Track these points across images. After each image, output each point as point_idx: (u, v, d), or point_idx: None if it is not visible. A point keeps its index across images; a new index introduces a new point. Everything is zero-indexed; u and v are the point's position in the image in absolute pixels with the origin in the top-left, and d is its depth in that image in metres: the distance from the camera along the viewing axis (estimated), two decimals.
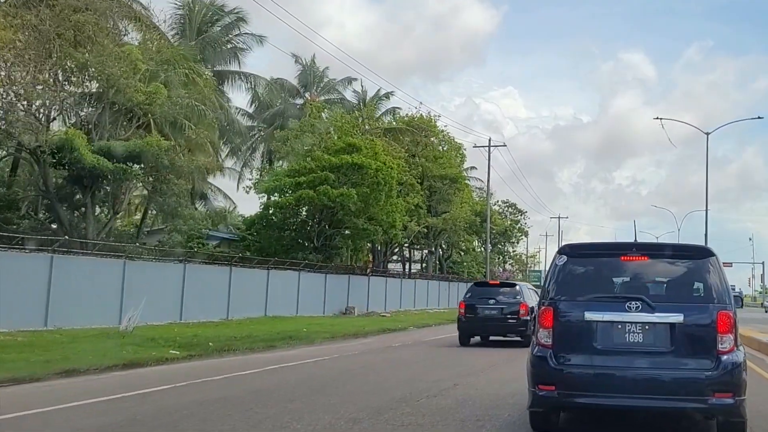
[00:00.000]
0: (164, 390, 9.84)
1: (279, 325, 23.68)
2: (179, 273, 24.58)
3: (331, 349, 17.16)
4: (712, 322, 6.77)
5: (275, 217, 36.36)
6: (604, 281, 7.33)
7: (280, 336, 19.04)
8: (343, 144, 37.10)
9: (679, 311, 6.83)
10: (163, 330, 19.64)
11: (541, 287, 8.66)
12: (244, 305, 27.95)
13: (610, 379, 6.76)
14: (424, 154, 49.72)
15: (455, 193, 52.58)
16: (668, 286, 7.37)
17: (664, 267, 7.41)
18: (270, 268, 30.56)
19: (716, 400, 6.57)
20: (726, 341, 6.73)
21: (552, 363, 6.92)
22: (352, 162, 35.17)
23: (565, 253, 7.46)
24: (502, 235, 74.56)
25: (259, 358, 14.69)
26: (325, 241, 37.41)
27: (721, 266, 7.22)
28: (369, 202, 36.87)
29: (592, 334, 6.90)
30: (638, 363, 6.79)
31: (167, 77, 25.98)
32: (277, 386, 10.38)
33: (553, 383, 6.86)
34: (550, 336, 7.01)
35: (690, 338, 6.82)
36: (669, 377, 6.70)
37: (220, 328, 22.16)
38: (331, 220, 37.24)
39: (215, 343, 16.31)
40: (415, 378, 11.46)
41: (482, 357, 15.43)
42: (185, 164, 24.66)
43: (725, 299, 6.92)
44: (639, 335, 6.85)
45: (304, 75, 46.40)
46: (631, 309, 6.87)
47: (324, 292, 34.83)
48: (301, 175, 35.31)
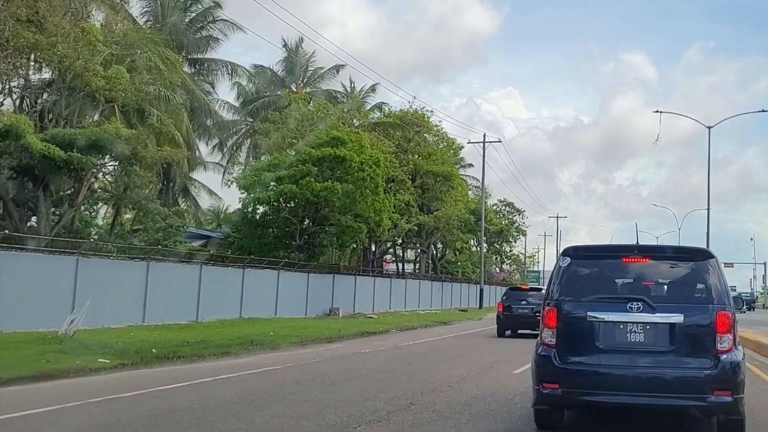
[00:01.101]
0: (42, 413, 8.08)
1: (248, 328, 21.94)
2: (141, 272, 22.81)
3: (290, 356, 15.39)
4: (711, 322, 6.89)
5: (257, 214, 34.68)
6: (607, 282, 7.47)
7: (240, 341, 17.28)
8: (327, 137, 35.39)
9: (679, 311, 6.96)
10: (115, 334, 17.90)
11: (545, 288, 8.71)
12: (216, 306, 26.17)
13: (612, 377, 6.89)
14: (416, 150, 47.94)
15: (449, 191, 50.80)
16: (669, 287, 7.52)
17: (665, 268, 7.55)
18: (245, 267, 28.80)
19: (715, 398, 6.70)
20: (725, 341, 6.85)
21: (556, 362, 7.05)
22: (336, 155, 33.43)
23: (569, 255, 7.57)
24: (499, 235, 72.65)
25: (201, 368, 12.94)
26: (309, 239, 35.66)
27: (720, 268, 7.33)
28: (355, 198, 35.15)
29: (594, 334, 7.04)
30: (639, 362, 6.93)
31: (133, 62, 24.22)
32: (188, 407, 8.57)
33: (557, 381, 6.99)
34: (554, 336, 7.14)
35: (690, 338, 6.95)
36: (669, 376, 6.84)
37: (183, 331, 20.40)
38: (315, 216, 35.50)
39: (160, 350, 14.55)
40: (363, 395, 9.70)
41: (452, 369, 13.67)
42: (150, 155, 22.85)
43: (724, 300, 7.03)
44: (640, 335, 6.98)
45: (290, 63, 44.46)
46: (633, 309, 6.99)
47: (306, 293, 33.04)
48: (282, 168, 33.62)
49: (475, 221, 54.40)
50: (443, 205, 49.24)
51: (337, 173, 34.44)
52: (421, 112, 49.50)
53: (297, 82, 44.11)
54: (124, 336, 17.55)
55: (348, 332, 22.95)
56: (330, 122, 36.87)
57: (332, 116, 36.53)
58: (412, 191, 45.65)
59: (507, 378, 12.02)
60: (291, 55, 44.46)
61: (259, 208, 34.81)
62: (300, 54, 44.14)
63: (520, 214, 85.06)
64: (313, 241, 36.08)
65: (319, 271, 35.39)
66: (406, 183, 44.56)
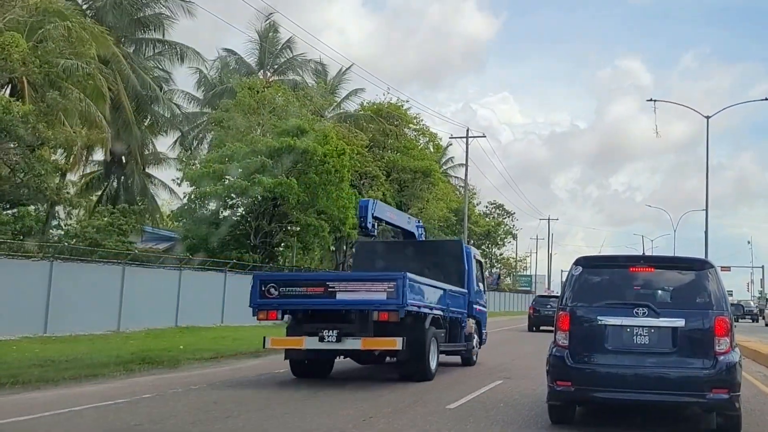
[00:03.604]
0: None
1: (164, 341, 18.63)
2: (43, 273, 19.41)
3: (174, 379, 11.97)
4: (710, 326, 7.52)
5: (205, 210, 31.33)
6: (615, 289, 8.06)
7: (129, 358, 13.90)
8: (288, 125, 32.06)
9: (681, 316, 7.59)
10: None
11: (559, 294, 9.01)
12: (144, 313, 22.78)
13: (620, 376, 7.52)
14: (393, 146, 44.58)
15: (428, 189, 47.39)
16: (672, 294, 8.06)
17: (669, 277, 8.18)
18: (183, 268, 25.42)
19: (713, 396, 7.30)
20: (723, 343, 7.46)
21: (568, 362, 7.69)
22: (294, 146, 30.08)
23: (581, 264, 8.20)
24: (486, 237, 69.37)
25: (37, 399, 9.61)
26: (265, 239, 32.29)
27: (719, 276, 7.98)
28: (317, 194, 31.82)
29: (604, 336, 7.69)
30: (644, 362, 7.56)
31: (45, 32, 20.87)
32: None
33: (570, 379, 7.64)
34: (567, 338, 7.79)
35: (690, 340, 7.59)
36: (672, 375, 7.47)
37: (81, 344, 17.05)
38: (272, 214, 32.16)
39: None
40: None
41: (381, 394, 10.36)
42: (56, 137, 19.41)
43: (723, 306, 7.68)
44: (645, 337, 7.61)
45: (260, 50, 40.97)
46: (639, 314, 7.64)
47: None
48: (233, 160, 30.27)
49: (457, 221, 51.02)
50: (422, 203, 45.82)
51: (298, 166, 31.18)
52: (398, 104, 46.23)
53: (265, 70, 40.65)
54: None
55: None
56: (292, 110, 33.48)
57: (292, 105, 33.08)
58: (387, 187, 42.27)
59: (436, 417, 8.73)
60: (262, 41, 40.99)
61: (209, 204, 31.51)
62: (270, 41, 40.65)
63: (510, 216, 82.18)
64: (270, 240, 32.73)
65: None
66: (380, 178, 41.19)
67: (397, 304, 11.17)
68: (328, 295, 11.56)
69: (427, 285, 12.58)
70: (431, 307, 12.63)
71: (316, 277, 16.56)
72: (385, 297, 11.24)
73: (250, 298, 12.07)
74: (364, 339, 11.45)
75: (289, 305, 12.08)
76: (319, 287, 11.84)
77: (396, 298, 11.15)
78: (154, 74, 35.17)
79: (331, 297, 11.53)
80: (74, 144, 21.00)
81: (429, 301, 12.56)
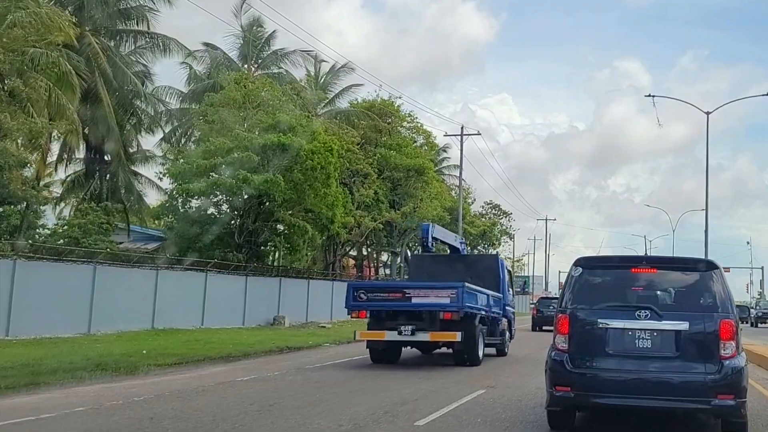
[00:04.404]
0: None
1: (139, 343, 17.54)
2: (5, 274, 18.32)
3: (119, 389, 10.87)
4: (715, 329, 7.22)
5: (188, 207, 30.23)
6: (617, 291, 7.80)
7: (85, 364, 12.83)
8: (273, 120, 30.95)
9: (684, 319, 7.31)
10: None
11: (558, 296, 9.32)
12: (118, 315, 21.69)
13: (621, 381, 7.27)
14: (385, 142, 43.45)
15: (422, 187, 46.24)
16: (675, 296, 7.80)
17: (672, 278, 7.93)
18: (160, 268, 24.32)
19: (719, 402, 7.02)
20: (728, 347, 7.16)
21: (568, 366, 7.41)
22: (279, 142, 28.98)
23: (581, 265, 7.89)
24: (482, 237, 68.22)
25: None
26: (250, 238, 31.19)
27: (724, 278, 7.65)
28: (304, 191, 30.72)
29: (604, 340, 7.41)
30: (647, 366, 7.27)
31: (14, 18, 19.79)
32: None
33: (569, 384, 7.36)
34: (567, 341, 7.50)
35: (695, 344, 7.28)
36: (675, 380, 7.16)
37: (44, 347, 15.99)
38: (258, 212, 31.07)
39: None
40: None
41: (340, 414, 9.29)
42: (17, 127, 18.26)
43: (728, 308, 7.35)
44: (648, 341, 7.33)
45: (244, 43, 39.81)
46: (641, 317, 7.36)
47: (244, 299, 28.54)
48: (218, 156, 29.17)
49: (451, 220, 49.93)
50: (416, 202, 44.69)
51: (284, 162, 30.10)
52: (390, 100, 45.14)
53: (249, 63, 39.45)
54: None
55: (265, 347, 18.56)
56: (278, 105, 32.37)
57: (276, 99, 31.97)
58: (379, 184, 41.18)
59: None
60: (246, 34, 39.80)
61: (193, 201, 30.41)
62: (254, 33, 39.45)
63: (507, 216, 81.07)
64: (256, 240, 31.65)
65: (261, 273, 30.96)
66: (371, 176, 40.10)
67: (458, 307, 14.64)
68: (405, 299, 15.10)
69: (477, 292, 15.91)
70: (479, 308, 15.99)
71: (396, 285, 19.55)
72: (449, 301, 14.74)
73: (345, 300, 15.63)
74: (432, 333, 14.97)
75: (375, 306, 15.38)
76: (398, 293, 15.42)
77: (457, 302, 14.65)
78: (135, 69, 34.09)
79: (407, 301, 15.07)
80: (40, 135, 19.85)
81: (478, 304, 15.92)
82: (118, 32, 30.27)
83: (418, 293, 15.12)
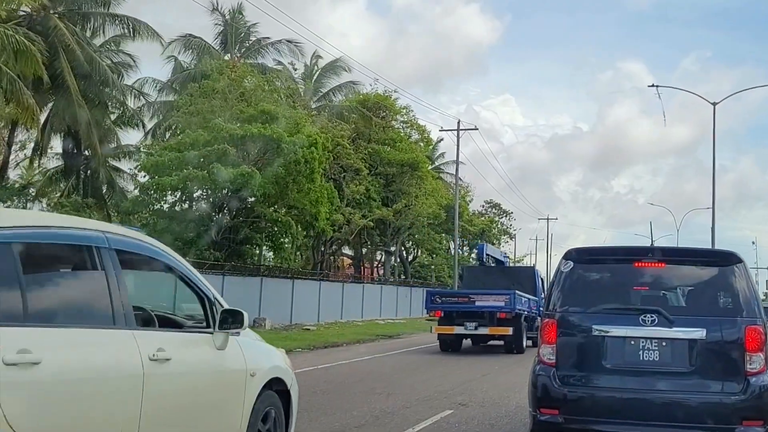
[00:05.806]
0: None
1: None
2: None
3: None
4: (739, 338, 5.97)
5: (162, 203, 28.59)
6: (616, 291, 6.56)
7: None
8: (254, 111, 29.29)
9: (701, 326, 6.06)
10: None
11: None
12: None
13: (621, 402, 6.09)
14: (377, 137, 41.77)
15: (417, 183, 44.51)
16: (689, 296, 6.59)
17: (685, 275, 6.60)
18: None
19: (744, 429, 5.77)
20: (756, 361, 5.91)
21: (555, 384, 6.19)
22: (259, 133, 27.30)
23: (572, 258, 6.55)
24: (480, 236, 66.55)
25: None
26: (229, 235, 29.53)
27: (749, 274, 6.31)
28: (287, 187, 29.04)
29: (601, 351, 6.19)
30: (653, 385, 6.07)
31: None
32: None
33: (557, 406, 6.16)
34: (554, 353, 6.25)
35: (714, 357, 6.08)
36: (689, 402, 5.96)
37: None
38: (236, 208, 29.40)
39: None
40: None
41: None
42: None
43: (755, 311, 6.02)
44: (655, 353, 6.12)
45: (224, 32, 38.24)
46: (646, 323, 6.14)
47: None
48: (193, 148, 27.48)
49: (447, 218, 48.22)
50: (410, 199, 43.01)
51: (265, 156, 28.48)
52: (385, 94, 43.44)
53: (232, 52, 37.84)
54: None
55: None
56: (261, 95, 30.74)
57: (260, 89, 30.34)
58: (371, 181, 39.51)
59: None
60: (227, 23, 38.23)
61: (168, 196, 28.77)
62: (237, 21, 37.87)
63: (507, 216, 79.49)
64: (234, 237, 29.98)
65: (240, 272, 29.26)
66: (363, 172, 38.42)
67: (511, 308, 19.47)
68: (470, 302, 20.04)
69: (523, 296, 20.52)
70: (524, 309, 20.45)
71: (464, 292, 22.22)
72: (503, 304, 19.55)
73: (425, 302, 21.49)
74: (491, 328, 19.74)
75: (447, 307, 20.31)
76: (465, 298, 20.52)
77: (510, 304, 19.47)
78: (116, 59, 32.49)
79: (472, 303, 19.98)
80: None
81: (523, 306, 20.44)
82: (83, 15, 28.51)
83: (480, 298, 19.84)
